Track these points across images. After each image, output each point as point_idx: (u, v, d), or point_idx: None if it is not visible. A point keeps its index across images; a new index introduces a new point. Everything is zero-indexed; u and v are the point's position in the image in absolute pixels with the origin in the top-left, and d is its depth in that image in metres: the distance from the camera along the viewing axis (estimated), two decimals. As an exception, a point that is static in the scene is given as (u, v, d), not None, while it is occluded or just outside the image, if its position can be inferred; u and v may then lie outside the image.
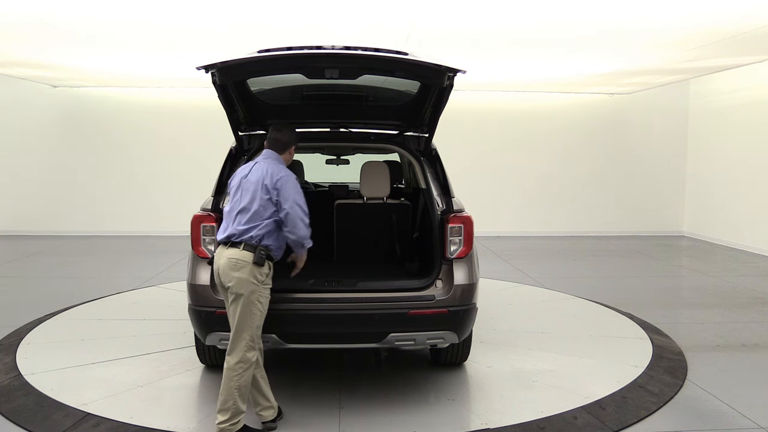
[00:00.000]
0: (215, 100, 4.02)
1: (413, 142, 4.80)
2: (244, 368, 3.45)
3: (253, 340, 3.49)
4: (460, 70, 3.60)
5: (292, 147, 3.88)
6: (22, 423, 3.75)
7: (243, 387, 3.45)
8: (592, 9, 6.09)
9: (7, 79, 11.33)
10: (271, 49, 3.66)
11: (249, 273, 3.44)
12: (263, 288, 3.51)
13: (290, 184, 3.62)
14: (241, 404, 3.46)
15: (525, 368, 4.72)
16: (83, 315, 6.23)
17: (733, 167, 11.23)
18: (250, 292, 3.44)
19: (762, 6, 5.92)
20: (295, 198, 3.60)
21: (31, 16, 6.51)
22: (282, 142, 3.83)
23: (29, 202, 12.10)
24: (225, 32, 7.18)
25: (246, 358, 3.46)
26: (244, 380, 3.44)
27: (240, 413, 3.47)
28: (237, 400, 3.44)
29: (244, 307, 3.44)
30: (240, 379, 3.43)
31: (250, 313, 3.45)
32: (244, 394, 3.48)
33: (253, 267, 3.45)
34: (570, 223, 12.61)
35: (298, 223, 3.58)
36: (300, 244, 3.67)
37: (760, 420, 3.85)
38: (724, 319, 6.25)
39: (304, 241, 3.67)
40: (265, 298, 3.53)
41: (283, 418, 3.75)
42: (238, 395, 3.44)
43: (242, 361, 3.44)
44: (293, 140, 3.87)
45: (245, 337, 3.45)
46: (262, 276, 3.49)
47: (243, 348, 3.45)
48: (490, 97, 12.42)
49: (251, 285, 3.45)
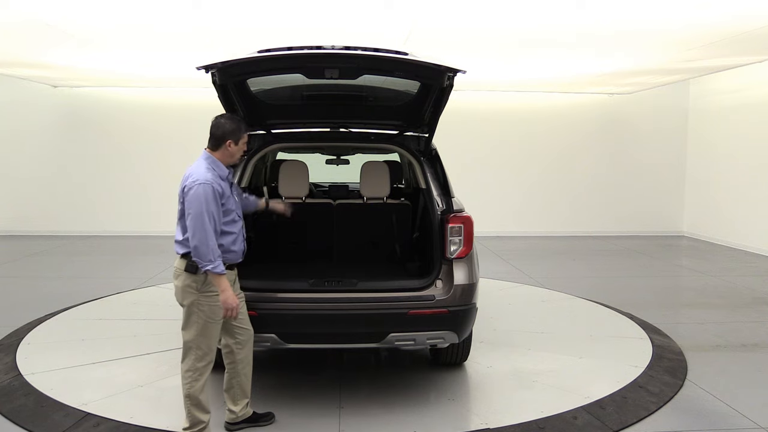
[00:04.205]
0: (215, 100, 4.02)
1: (413, 142, 4.80)
2: (193, 377, 3.32)
3: (201, 348, 3.32)
4: (460, 70, 3.60)
5: (228, 141, 3.39)
6: (22, 423, 3.75)
7: (194, 396, 3.33)
8: (592, 9, 6.09)
9: (7, 79, 11.33)
10: (271, 49, 3.66)
11: (183, 281, 3.29)
12: (203, 296, 3.28)
13: (196, 193, 3.21)
14: (197, 413, 3.35)
15: (525, 368, 4.72)
16: (83, 315, 6.23)
17: (733, 167, 11.22)
18: (189, 302, 3.29)
19: (762, 6, 5.92)
20: (197, 210, 3.20)
21: (31, 16, 6.51)
22: (215, 137, 3.41)
23: (29, 202, 12.09)
24: (225, 32, 7.18)
25: (196, 368, 3.32)
26: (195, 390, 3.32)
27: (199, 423, 3.37)
28: (191, 409, 3.34)
29: (186, 315, 3.32)
30: (190, 388, 3.32)
31: (192, 322, 3.29)
32: (198, 404, 3.35)
33: (186, 275, 3.27)
34: (570, 223, 12.61)
35: (195, 239, 3.19)
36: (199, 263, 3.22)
37: (760, 420, 3.85)
38: (724, 319, 6.25)
39: (199, 263, 3.20)
40: (209, 306, 3.29)
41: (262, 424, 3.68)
42: (191, 404, 3.34)
43: (191, 370, 3.32)
44: (229, 133, 3.39)
45: (191, 346, 3.32)
46: (198, 283, 3.27)
47: (192, 357, 3.32)
48: (490, 97, 12.41)
49: (188, 293, 3.28)
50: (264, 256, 4.91)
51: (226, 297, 3.26)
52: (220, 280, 3.24)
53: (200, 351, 3.32)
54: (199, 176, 3.27)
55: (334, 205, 4.98)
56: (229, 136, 3.38)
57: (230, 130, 3.39)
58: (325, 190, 6.56)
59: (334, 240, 4.99)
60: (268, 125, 4.78)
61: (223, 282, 3.25)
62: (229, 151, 3.42)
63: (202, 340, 3.32)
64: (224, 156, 3.42)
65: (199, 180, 3.25)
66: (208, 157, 3.40)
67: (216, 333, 3.37)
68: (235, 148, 3.43)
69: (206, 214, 3.20)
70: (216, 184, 3.28)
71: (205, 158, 3.39)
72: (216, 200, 3.26)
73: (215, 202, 3.25)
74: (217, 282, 3.25)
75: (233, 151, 3.43)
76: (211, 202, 3.23)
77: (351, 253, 4.98)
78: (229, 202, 3.39)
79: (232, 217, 3.44)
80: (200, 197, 3.21)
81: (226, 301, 3.26)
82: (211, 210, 3.22)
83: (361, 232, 5.02)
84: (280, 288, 3.95)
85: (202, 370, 3.34)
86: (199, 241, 3.18)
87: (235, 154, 3.45)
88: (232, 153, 3.43)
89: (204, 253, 3.18)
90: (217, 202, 3.27)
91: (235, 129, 3.41)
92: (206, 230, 3.18)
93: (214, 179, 3.29)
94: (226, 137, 3.38)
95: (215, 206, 3.25)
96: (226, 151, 3.41)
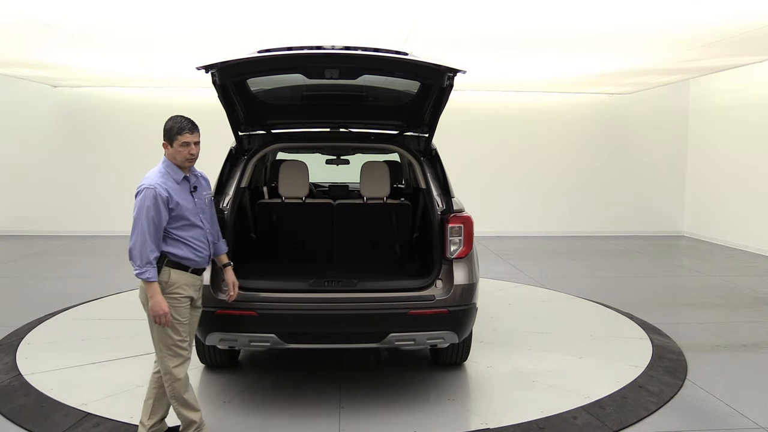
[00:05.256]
0: (215, 100, 4.02)
1: (413, 142, 4.80)
2: (172, 378, 3.26)
3: (170, 348, 3.25)
4: (459, 70, 3.60)
5: (163, 142, 3.28)
6: (22, 423, 3.75)
7: (179, 397, 3.30)
8: (593, 9, 6.09)
9: (7, 79, 11.33)
10: (271, 49, 3.66)
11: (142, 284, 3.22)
12: (166, 296, 3.19)
13: (140, 197, 3.16)
14: (186, 413, 3.33)
15: (525, 368, 4.72)
16: (83, 315, 6.23)
17: (733, 167, 11.22)
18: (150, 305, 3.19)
19: (762, 6, 5.92)
20: (137, 214, 3.14)
21: (31, 16, 6.51)
22: (166, 137, 3.29)
23: (29, 202, 12.09)
24: (225, 32, 7.18)
25: (170, 368, 3.26)
26: (177, 390, 3.28)
27: (191, 423, 3.35)
28: (180, 410, 3.32)
29: (149, 318, 3.24)
30: (172, 390, 3.28)
31: (154, 323, 3.23)
32: (186, 404, 3.33)
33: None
34: (570, 223, 12.61)
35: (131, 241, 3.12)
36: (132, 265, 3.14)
37: (760, 420, 3.85)
38: (724, 319, 6.25)
39: (132, 266, 3.13)
40: (173, 308, 3.21)
41: None
42: (179, 405, 3.31)
43: (167, 373, 3.26)
44: (164, 134, 3.27)
45: (162, 348, 3.27)
46: (160, 285, 3.18)
47: (165, 359, 3.26)
48: (490, 97, 12.41)
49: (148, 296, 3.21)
50: (264, 256, 4.91)
51: (153, 304, 3.14)
52: (149, 286, 3.14)
53: (170, 351, 3.26)
54: (146, 180, 3.22)
55: (334, 205, 4.98)
56: (164, 137, 3.27)
57: (165, 131, 3.27)
58: (325, 190, 6.56)
59: (334, 240, 4.98)
60: (268, 125, 4.78)
61: (152, 288, 3.14)
62: (169, 152, 3.28)
63: (169, 340, 3.25)
64: (170, 158, 3.30)
65: (144, 184, 3.20)
66: (165, 160, 3.32)
67: (183, 332, 3.29)
68: (172, 150, 3.26)
69: (145, 218, 3.12)
70: (162, 188, 3.18)
71: (162, 162, 3.32)
72: (157, 205, 3.15)
73: (156, 207, 3.15)
74: (148, 288, 3.15)
75: (171, 153, 3.27)
76: (151, 207, 3.14)
77: (351, 253, 4.98)
78: (179, 209, 3.25)
79: (183, 223, 3.28)
80: (142, 201, 3.15)
81: (153, 307, 3.14)
82: (150, 215, 3.13)
83: (361, 232, 5.02)
84: (280, 288, 3.95)
85: (177, 369, 3.27)
86: (133, 244, 3.11)
87: (174, 156, 3.27)
88: (172, 155, 3.27)
89: (134, 256, 3.11)
90: (158, 206, 3.15)
91: (167, 129, 3.26)
92: (142, 234, 3.10)
93: (163, 183, 3.20)
94: (163, 138, 3.29)
95: (155, 211, 3.14)
96: (167, 153, 3.30)
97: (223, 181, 4.24)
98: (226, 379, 4.43)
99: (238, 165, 4.37)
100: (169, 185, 3.24)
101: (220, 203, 4.12)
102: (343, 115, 4.90)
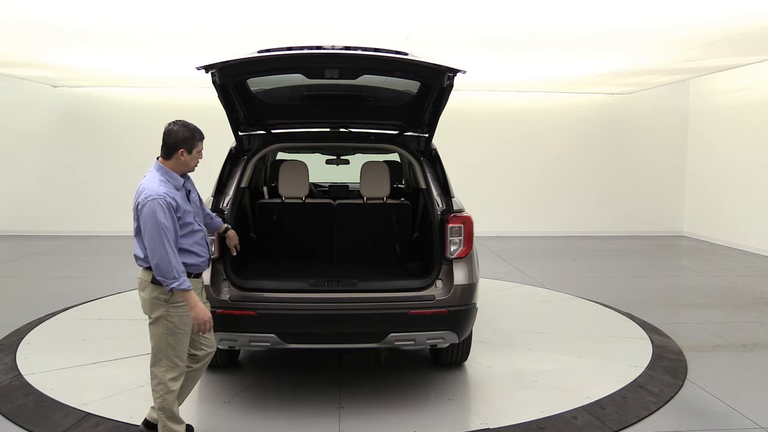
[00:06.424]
0: (215, 100, 4.02)
1: (413, 142, 4.80)
2: (165, 389, 3.23)
3: (171, 359, 3.23)
4: (459, 70, 3.60)
5: (180, 150, 3.20)
6: (22, 423, 3.75)
7: (167, 409, 3.26)
8: (593, 9, 6.09)
9: (7, 79, 11.33)
10: (271, 49, 3.66)
11: (150, 293, 3.17)
12: (172, 307, 3.16)
13: (149, 210, 3.06)
14: (172, 425, 3.29)
15: (525, 368, 4.72)
16: (83, 315, 6.23)
17: (733, 167, 11.22)
18: (158, 315, 3.18)
19: (762, 6, 5.92)
20: (153, 228, 3.05)
21: (31, 16, 6.51)
22: (167, 146, 3.23)
23: (29, 202, 12.09)
24: (225, 32, 7.18)
25: (165, 379, 3.23)
26: (167, 402, 3.25)
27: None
28: (165, 422, 3.29)
29: (153, 327, 3.22)
30: (163, 401, 3.25)
31: (158, 333, 3.20)
32: (173, 417, 3.29)
33: (153, 286, 3.15)
34: (570, 223, 12.61)
35: (155, 258, 3.05)
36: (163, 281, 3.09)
37: (760, 420, 3.85)
38: (724, 319, 6.25)
39: (163, 281, 3.07)
40: (179, 317, 3.18)
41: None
42: (165, 417, 3.27)
43: (162, 383, 3.23)
44: (182, 142, 3.20)
45: (162, 359, 3.23)
46: (166, 295, 3.14)
47: (162, 369, 3.23)
48: (490, 97, 12.41)
49: (157, 305, 3.17)
50: (264, 256, 4.91)
51: (197, 313, 3.14)
52: (187, 296, 3.11)
53: (170, 362, 3.23)
54: (151, 191, 3.10)
55: (334, 205, 4.98)
56: (181, 144, 3.20)
57: (183, 139, 3.20)
58: (325, 190, 6.56)
59: (334, 240, 4.98)
60: (268, 125, 4.78)
61: (191, 298, 3.12)
62: (182, 161, 3.23)
63: (171, 351, 3.22)
64: (177, 165, 3.24)
65: (151, 195, 3.09)
66: (161, 167, 3.24)
67: (185, 343, 3.27)
68: (189, 158, 3.24)
69: (163, 231, 3.05)
70: (169, 197, 3.13)
71: (157, 169, 3.23)
72: (170, 215, 3.11)
73: (170, 217, 3.11)
74: (185, 298, 3.12)
75: (186, 161, 3.24)
76: (168, 218, 3.09)
77: (351, 253, 4.98)
78: (185, 215, 3.23)
79: (190, 229, 3.27)
80: (154, 214, 3.05)
81: (197, 316, 3.14)
82: (168, 226, 3.07)
83: (361, 232, 5.02)
84: (280, 288, 3.95)
85: (173, 382, 3.25)
86: (160, 259, 3.04)
87: (189, 163, 3.26)
88: (186, 162, 3.25)
89: (166, 270, 3.04)
90: (172, 216, 3.12)
91: (188, 137, 3.21)
92: (165, 248, 3.04)
93: (167, 192, 3.14)
94: (178, 146, 3.20)
95: (170, 221, 3.10)
96: (179, 161, 3.23)
97: (223, 181, 4.24)
98: (226, 379, 4.42)
99: (238, 165, 4.37)
100: (173, 193, 3.19)
101: (220, 203, 4.12)
102: (343, 115, 4.90)
